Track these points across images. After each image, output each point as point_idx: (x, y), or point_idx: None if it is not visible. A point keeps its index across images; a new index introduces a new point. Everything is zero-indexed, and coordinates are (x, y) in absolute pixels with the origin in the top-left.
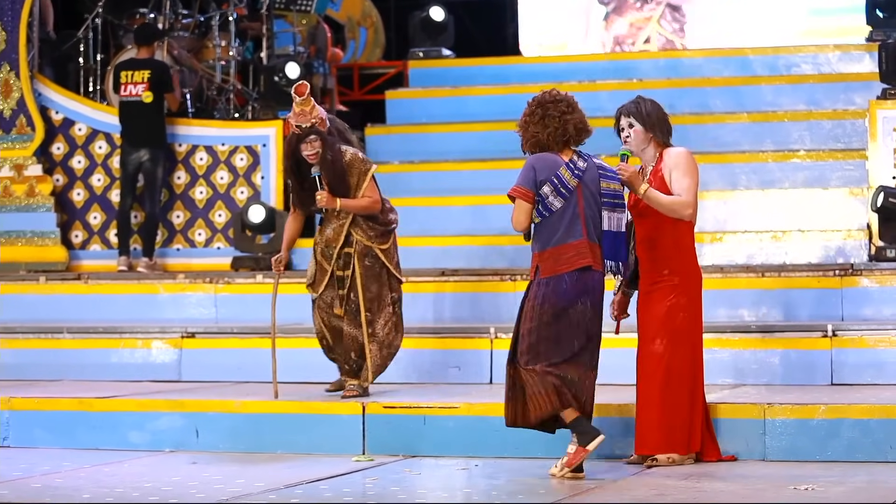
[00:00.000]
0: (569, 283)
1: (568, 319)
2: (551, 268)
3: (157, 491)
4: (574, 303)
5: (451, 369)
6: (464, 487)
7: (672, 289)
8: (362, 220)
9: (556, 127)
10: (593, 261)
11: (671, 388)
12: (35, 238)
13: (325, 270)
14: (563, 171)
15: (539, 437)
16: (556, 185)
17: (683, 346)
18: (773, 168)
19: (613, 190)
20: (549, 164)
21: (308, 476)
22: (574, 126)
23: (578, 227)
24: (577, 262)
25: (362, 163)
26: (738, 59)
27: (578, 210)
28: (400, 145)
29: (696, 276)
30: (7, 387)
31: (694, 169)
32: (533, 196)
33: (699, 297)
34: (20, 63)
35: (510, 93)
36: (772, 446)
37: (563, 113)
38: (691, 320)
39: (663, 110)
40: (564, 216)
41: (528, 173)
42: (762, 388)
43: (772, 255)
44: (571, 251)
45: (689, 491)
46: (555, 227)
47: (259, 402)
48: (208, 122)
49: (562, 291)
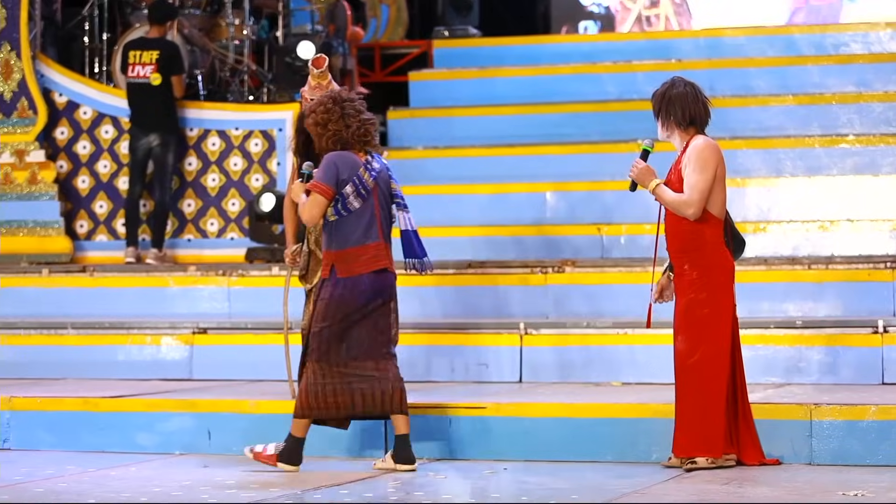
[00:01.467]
0: (367, 283)
1: (363, 319)
2: (348, 268)
3: (166, 496)
4: (370, 303)
5: (478, 367)
6: (492, 492)
7: (690, 284)
8: None
9: (359, 125)
10: (388, 263)
11: (700, 386)
12: (37, 228)
13: (318, 259)
14: (363, 171)
15: (571, 440)
16: (357, 185)
17: (707, 343)
18: (820, 154)
19: (400, 190)
20: (351, 163)
21: (327, 480)
22: (373, 125)
23: (375, 228)
24: (374, 264)
25: None
26: (782, 38)
27: (375, 211)
28: (423, 130)
29: (720, 270)
30: (8, 386)
31: (707, 164)
32: (333, 194)
33: (725, 292)
34: (21, 42)
35: (540, 74)
36: (819, 449)
37: (360, 112)
38: (715, 316)
39: (694, 95)
40: (362, 217)
41: (330, 170)
42: (808, 387)
43: (819, 247)
44: (370, 253)
45: (731, 496)
46: (353, 228)
47: (275, 402)
48: (221, 105)
49: (359, 292)
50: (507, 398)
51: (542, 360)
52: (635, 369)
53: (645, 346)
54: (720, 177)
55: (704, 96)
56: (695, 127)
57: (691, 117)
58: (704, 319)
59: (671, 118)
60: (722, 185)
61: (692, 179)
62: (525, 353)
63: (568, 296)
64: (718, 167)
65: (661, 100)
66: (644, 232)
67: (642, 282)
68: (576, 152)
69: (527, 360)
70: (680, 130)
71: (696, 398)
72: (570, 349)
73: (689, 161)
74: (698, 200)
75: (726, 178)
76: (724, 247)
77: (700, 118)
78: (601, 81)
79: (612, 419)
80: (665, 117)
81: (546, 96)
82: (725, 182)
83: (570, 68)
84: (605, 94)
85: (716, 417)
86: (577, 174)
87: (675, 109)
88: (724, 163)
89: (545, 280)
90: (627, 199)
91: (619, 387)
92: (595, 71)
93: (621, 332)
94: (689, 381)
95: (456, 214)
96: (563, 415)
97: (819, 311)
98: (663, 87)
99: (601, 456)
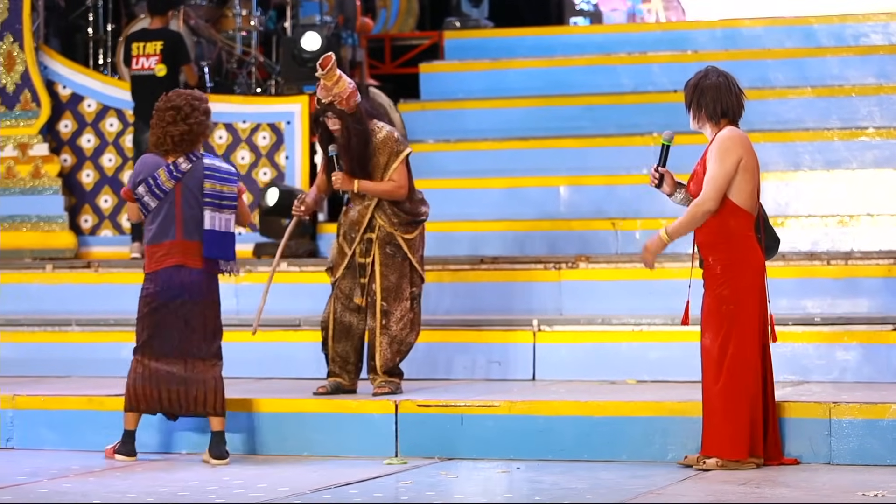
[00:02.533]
0: (161, 280)
1: (170, 316)
2: (148, 264)
3: (172, 496)
4: (171, 300)
5: (491, 364)
6: (505, 492)
7: (714, 279)
8: (388, 205)
9: (179, 133)
10: (184, 259)
11: (725, 386)
12: (41, 223)
13: (343, 254)
14: (161, 172)
15: (585, 439)
16: (150, 185)
17: (735, 340)
18: (840, 147)
19: (218, 191)
20: (150, 165)
21: (336, 480)
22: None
23: (173, 227)
24: (165, 262)
25: (396, 143)
26: (801, 29)
27: (175, 211)
28: (434, 122)
29: (747, 265)
30: (11, 384)
31: (728, 154)
32: (130, 195)
33: (751, 289)
34: (24, 33)
35: (554, 66)
36: (838, 449)
37: (185, 118)
38: (740, 314)
39: (728, 87)
40: (159, 216)
41: (133, 173)
42: (828, 385)
43: (838, 242)
44: (163, 250)
45: (749, 497)
46: (151, 226)
47: (283, 401)
48: (228, 97)
49: (156, 288)
50: (520, 396)
51: (556, 358)
52: (650, 367)
53: (660, 343)
54: (747, 168)
55: (739, 88)
56: (727, 119)
57: (723, 109)
58: (730, 316)
59: (702, 110)
60: (749, 177)
61: (710, 172)
62: (538, 351)
63: (582, 292)
64: (744, 158)
65: (694, 90)
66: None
67: (657, 277)
68: (590, 146)
69: (540, 358)
70: (711, 123)
71: (720, 398)
72: (585, 346)
73: (710, 153)
74: (713, 191)
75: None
76: (753, 241)
77: (733, 110)
78: (616, 73)
79: (627, 418)
80: (696, 108)
81: (560, 88)
82: (756, 174)
83: (584, 60)
84: (621, 87)
85: (741, 419)
86: (592, 168)
87: (706, 101)
88: (752, 153)
89: (559, 276)
90: (642, 194)
91: (634, 385)
92: (610, 63)
93: (636, 329)
94: (715, 380)
95: (468, 209)
96: (577, 413)
97: (838, 307)
98: (696, 77)
99: (616, 455)
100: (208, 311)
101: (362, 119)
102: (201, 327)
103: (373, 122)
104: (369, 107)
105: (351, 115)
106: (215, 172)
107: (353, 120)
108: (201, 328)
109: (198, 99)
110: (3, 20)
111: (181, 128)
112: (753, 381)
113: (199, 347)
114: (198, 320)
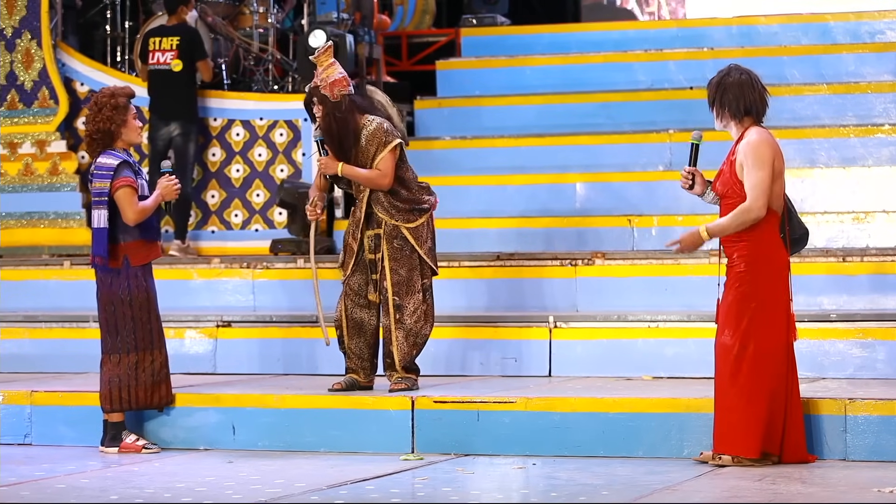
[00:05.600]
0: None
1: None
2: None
3: (190, 492)
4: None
5: (507, 361)
6: (521, 488)
7: (737, 277)
8: (383, 196)
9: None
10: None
11: (745, 383)
12: (59, 220)
13: (352, 251)
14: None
15: (601, 435)
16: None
17: (756, 339)
18: (856, 144)
19: (95, 188)
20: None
21: (352, 476)
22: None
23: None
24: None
25: (385, 134)
26: (817, 26)
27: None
28: (451, 120)
29: (770, 263)
30: (29, 380)
31: (765, 160)
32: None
33: (774, 287)
34: (42, 31)
35: (570, 63)
36: (854, 445)
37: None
38: (763, 311)
39: (751, 84)
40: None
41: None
42: (843, 381)
43: (854, 238)
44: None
45: (764, 494)
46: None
47: (300, 397)
48: (245, 94)
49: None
50: (536, 393)
51: (572, 354)
52: (666, 363)
53: (676, 339)
54: (779, 170)
55: (762, 85)
56: (751, 117)
57: (746, 107)
58: (751, 314)
59: (726, 108)
60: (779, 178)
61: (752, 179)
62: (554, 347)
63: (598, 288)
64: (776, 160)
65: (717, 89)
66: (675, 224)
67: (673, 274)
68: (606, 142)
69: (556, 354)
70: (735, 121)
71: (739, 396)
72: (601, 343)
73: (745, 158)
74: (760, 197)
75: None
76: (778, 239)
77: (757, 108)
78: (632, 70)
79: (643, 414)
80: (720, 107)
81: (576, 85)
82: (783, 175)
83: (600, 57)
84: (637, 84)
85: (758, 417)
86: (608, 165)
87: (729, 99)
88: (781, 155)
89: (575, 272)
90: (658, 191)
91: (650, 381)
92: (626, 59)
93: (652, 326)
94: (733, 377)
95: (484, 206)
96: (593, 409)
97: (854, 304)
98: (719, 76)
99: (632, 451)
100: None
101: (345, 108)
102: (104, 323)
103: (364, 116)
104: (365, 102)
105: (333, 103)
106: (98, 170)
107: (334, 107)
108: (104, 324)
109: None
110: (22, 18)
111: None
112: (773, 379)
113: (108, 342)
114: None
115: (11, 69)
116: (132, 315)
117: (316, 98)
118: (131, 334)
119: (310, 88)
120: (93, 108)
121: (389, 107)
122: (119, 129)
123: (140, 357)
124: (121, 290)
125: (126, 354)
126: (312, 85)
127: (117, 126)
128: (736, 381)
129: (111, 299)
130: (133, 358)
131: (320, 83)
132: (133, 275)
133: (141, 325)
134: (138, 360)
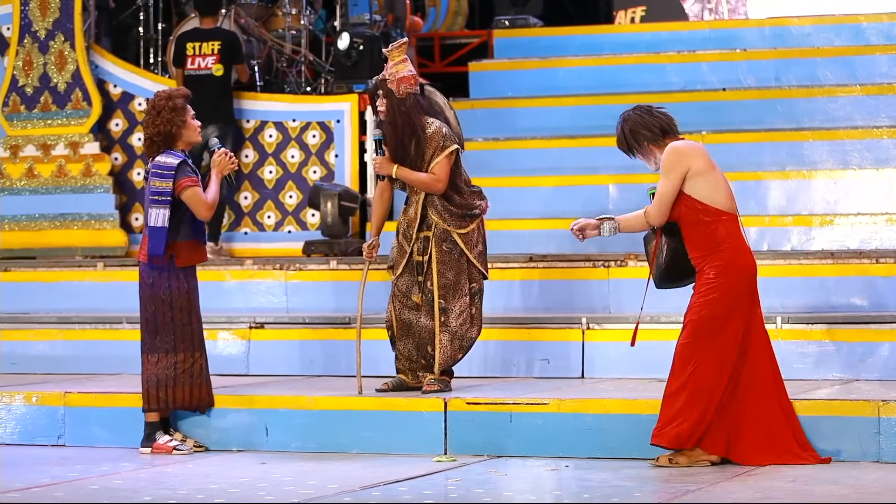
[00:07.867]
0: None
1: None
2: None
3: (223, 493)
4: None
5: (539, 362)
6: (553, 490)
7: (706, 283)
8: (437, 200)
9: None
10: (139, 254)
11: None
12: (92, 221)
13: (403, 252)
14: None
15: (634, 437)
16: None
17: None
18: (889, 145)
19: (154, 187)
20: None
21: (385, 477)
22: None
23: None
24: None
25: (443, 138)
26: (850, 27)
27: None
28: (484, 121)
29: (738, 271)
30: (63, 381)
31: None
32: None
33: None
34: (75, 33)
35: (603, 64)
36: (887, 447)
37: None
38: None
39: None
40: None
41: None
42: (875, 383)
43: (887, 240)
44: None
45: (798, 495)
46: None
47: (333, 398)
48: (278, 96)
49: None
50: (569, 394)
51: (605, 356)
52: None
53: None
54: (702, 171)
55: (656, 108)
56: (670, 136)
57: (660, 129)
58: (710, 319)
59: (644, 143)
60: (711, 177)
61: (658, 189)
62: (587, 349)
63: (631, 290)
64: (691, 164)
65: (625, 138)
66: None
67: None
68: None
69: (589, 356)
70: (658, 148)
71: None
72: None
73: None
74: (656, 206)
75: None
76: (743, 243)
77: (667, 126)
78: (665, 72)
79: None
80: (640, 148)
81: (609, 87)
82: (719, 171)
83: (633, 58)
84: (670, 85)
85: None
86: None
87: (640, 136)
88: (700, 156)
89: (608, 274)
90: None
91: None
92: (659, 61)
93: None
94: (679, 374)
95: (517, 207)
96: (625, 411)
97: (888, 305)
98: (618, 129)
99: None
100: (151, 304)
101: (409, 106)
102: (144, 322)
103: (424, 118)
104: (425, 103)
105: (398, 99)
106: (157, 169)
107: (399, 102)
108: (144, 322)
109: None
110: (55, 20)
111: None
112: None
113: (148, 340)
114: (143, 315)
115: (45, 71)
116: (172, 316)
117: (381, 91)
118: (170, 335)
119: (377, 80)
120: (151, 112)
121: (447, 109)
122: (179, 130)
123: (179, 358)
124: (162, 290)
125: (165, 354)
126: (380, 77)
127: (178, 127)
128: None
129: (152, 299)
130: (172, 358)
131: (388, 77)
132: (175, 275)
133: (181, 326)
134: (177, 360)
